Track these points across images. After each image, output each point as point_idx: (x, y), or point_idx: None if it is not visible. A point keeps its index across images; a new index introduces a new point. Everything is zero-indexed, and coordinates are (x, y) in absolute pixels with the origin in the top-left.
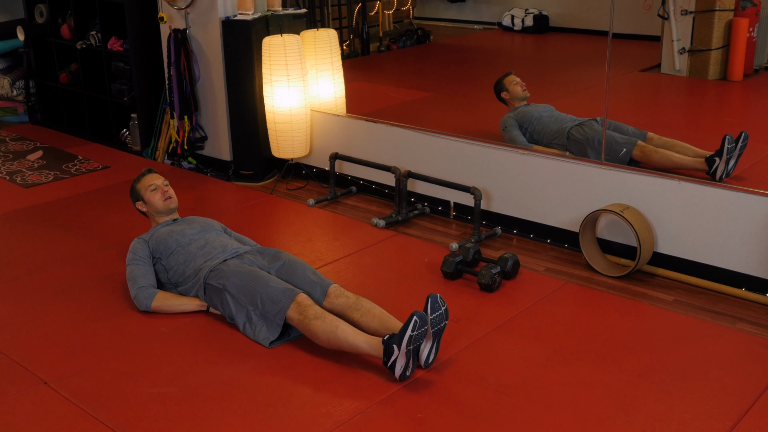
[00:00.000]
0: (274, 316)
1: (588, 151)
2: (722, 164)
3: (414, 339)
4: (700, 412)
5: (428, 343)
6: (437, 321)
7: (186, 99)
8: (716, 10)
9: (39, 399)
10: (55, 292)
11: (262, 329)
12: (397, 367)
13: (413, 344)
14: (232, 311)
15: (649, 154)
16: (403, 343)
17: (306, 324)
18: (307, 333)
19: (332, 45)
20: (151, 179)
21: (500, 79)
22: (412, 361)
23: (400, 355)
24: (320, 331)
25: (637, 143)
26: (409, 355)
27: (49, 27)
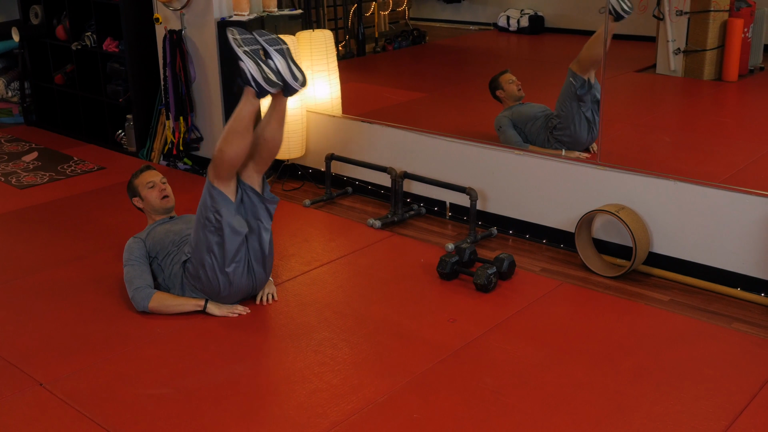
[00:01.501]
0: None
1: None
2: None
3: (242, 42)
4: (695, 411)
5: (279, 58)
6: (273, 42)
7: (181, 100)
8: (711, 10)
9: (35, 401)
10: (51, 293)
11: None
12: (254, 73)
13: (246, 47)
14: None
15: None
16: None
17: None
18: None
19: (328, 46)
20: (149, 176)
21: (496, 77)
22: (263, 63)
23: (245, 62)
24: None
25: (569, 67)
26: (252, 57)
27: (44, 28)
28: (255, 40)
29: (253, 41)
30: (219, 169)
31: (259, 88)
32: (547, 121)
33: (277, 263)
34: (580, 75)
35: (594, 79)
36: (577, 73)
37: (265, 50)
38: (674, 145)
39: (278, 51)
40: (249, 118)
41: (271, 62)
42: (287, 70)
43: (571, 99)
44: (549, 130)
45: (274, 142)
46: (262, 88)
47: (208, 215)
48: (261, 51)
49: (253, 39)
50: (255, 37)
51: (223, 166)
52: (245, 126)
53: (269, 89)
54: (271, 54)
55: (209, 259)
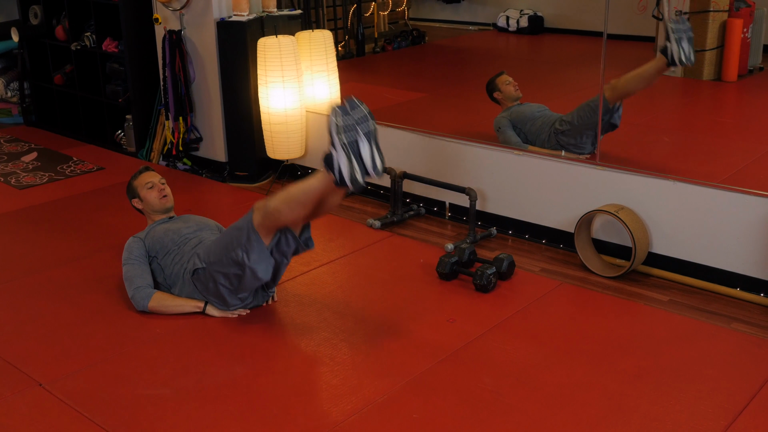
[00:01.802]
0: (249, 237)
1: (578, 135)
2: (674, 45)
3: (343, 129)
4: (695, 411)
5: (365, 146)
6: (362, 121)
7: (181, 100)
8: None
9: (34, 401)
10: (50, 293)
11: (256, 262)
12: (343, 168)
13: (346, 137)
14: (226, 279)
15: (617, 86)
16: (333, 138)
17: (269, 213)
18: (274, 218)
19: (327, 46)
20: (148, 177)
21: (492, 79)
22: (355, 160)
23: (339, 154)
24: (279, 204)
25: (603, 89)
26: (347, 151)
27: (43, 28)
28: (354, 126)
29: (353, 127)
30: (268, 223)
31: (342, 182)
32: (552, 122)
33: None
34: (609, 101)
35: (620, 104)
36: (608, 100)
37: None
38: (673, 145)
39: (366, 135)
40: (319, 195)
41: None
42: (370, 160)
43: (589, 117)
44: (554, 132)
45: (332, 209)
46: (345, 184)
47: (236, 249)
48: (356, 143)
49: (352, 125)
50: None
51: (274, 224)
52: (311, 200)
53: (350, 187)
54: (360, 139)
55: (223, 281)
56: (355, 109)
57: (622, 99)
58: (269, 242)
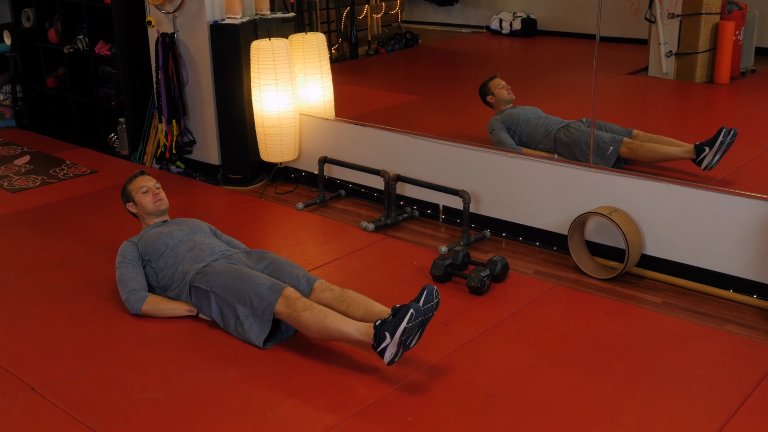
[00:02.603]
0: (263, 312)
1: (575, 152)
2: (711, 154)
3: (407, 331)
4: (688, 413)
5: (417, 334)
6: (428, 311)
7: (174, 103)
8: (703, 13)
9: (27, 405)
10: (43, 297)
11: (252, 327)
12: (387, 354)
13: (406, 336)
14: (220, 312)
15: (636, 149)
16: (397, 334)
17: (295, 316)
18: (297, 325)
19: (321, 49)
20: (143, 181)
21: (485, 83)
22: (402, 350)
23: (392, 344)
24: (310, 321)
25: (623, 141)
26: (400, 345)
27: (36, 31)
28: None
29: (418, 327)
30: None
31: (379, 354)
32: (551, 126)
33: None
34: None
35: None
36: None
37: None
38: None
39: (422, 323)
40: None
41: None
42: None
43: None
44: (554, 138)
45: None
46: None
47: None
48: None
49: (419, 324)
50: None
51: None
52: (339, 340)
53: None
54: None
55: (217, 309)
56: (429, 304)
57: (633, 161)
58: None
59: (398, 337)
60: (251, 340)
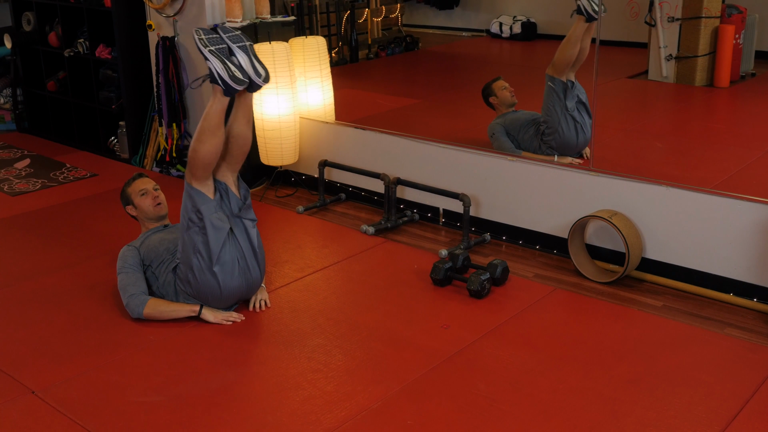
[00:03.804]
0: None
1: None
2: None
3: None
4: (688, 417)
5: (242, 55)
6: (236, 39)
7: (174, 106)
8: (702, 17)
9: (26, 408)
10: (43, 300)
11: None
12: (221, 72)
13: (212, 46)
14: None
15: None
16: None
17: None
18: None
19: (321, 52)
20: (142, 184)
21: (489, 84)
22: (228, 62)
23: (212, 62)
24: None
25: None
26: (217, 56)
27: (36, 35)
28: (220, 38)
29: (219, 40)
30: (194, 169)
31: (226, 85)
32: (537, 127)
33: (271, 270)
34: (557, 77)
35: (574, 79)
36: (555, 76)
37: (229, 48)
38: (666, 150)
39: (241, 48)
40: (219, 116)
41: (235, 59)
42: (250, 67)
43: (554, 102)
44: (539, 137)
45: (243, 139)
46: (229, 86)
47: (190, 216)
48: (226, 49)
49: (218, 38)
50: (220, 36)
51: (198, 165)
52: (216, 124)
53: (235, 86)
54: (234, 51)
55: (196, 260)
56: (227, 32)
57: (567, 71)
58: (213, 195)
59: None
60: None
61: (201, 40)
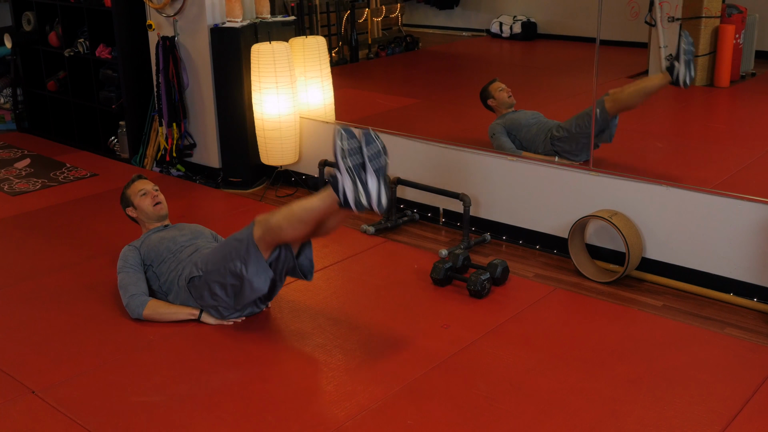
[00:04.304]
0: (248, 250)
1: (574, 142)
2: (682, 66)
3: (348, 153)
4: (689, 417)
5: (373, 180)
6: (375, 156)
7: (174, 106)
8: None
9: (26, 408)
10: (43, 300)
11: (254, 275)
12: (348, 192)
13: (351, 160)
14: (223, 288)
15: (619, 98)
16: (339, 164)
17: (269, 227)
18: (275, 234)
19: (321, 52)
20: (141, 185)
21: (486, 87)
22: (360, 185)
23: (343, 177)
24: (281, 220)
25: (604, 99)
26: (352, 175)
27: (36, 35)
28: (359, 149)
29: (357, 151)
30: (268, 239)
31: (347, 205)
32: (549, 128)
33: None
34: (608, 111)
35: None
36: (608, 111)
37: (363, 163)
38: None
39: (377, 171)
40: (321, 215)
41: (364, 178)
42: (376, 195)
43: (586, 127)
44: (551, 138)
45: (332, 230)
46: (350, 207)
47: (235, 261)
48: (360, 164)
49: (358, 149)
50: (360, 146)
51: (275, 240)
52: (314, 219)
53: (355, 211)
54: (367, 169)
55: (219, 291)
56: (370, 144)
57: (621, 111)
58: (268, 257)
59: (344, 167)
60: (261, 286)
61: (342, 150)
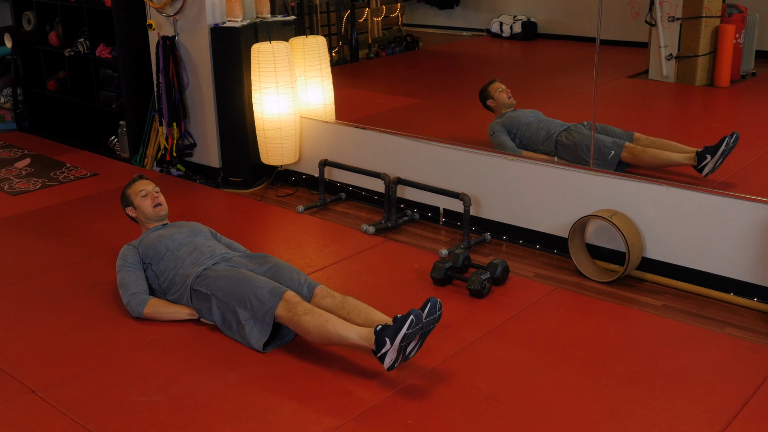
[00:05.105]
0: (263, 316)
1: (577, 155)
2: (713, 162)
3: (407, 337)
4: (689, 416)
5: (415, 343)
6: (429, 324)
7: (175, 106)
8: (703, 16)
9: (26, 408)
10: (43, 300)
11: (252, 331)
12: (387, 359)
13: (406, 341)
14: (221, 316)
15: (637, 154)
16: (396, 339)
17: (296, 320)
18: (297, 329)
19: (321, 52)
20: (142, 185)
21: (485, 87)
22: (401, 356)
23: (392, 350)
24: (310, 326)
25: (624, 145)
26: (400, 351)
27: (36, 34)
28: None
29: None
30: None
31: (379, 359)
32: (549, 126)
33: None
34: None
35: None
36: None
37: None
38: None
39: (422, 335)
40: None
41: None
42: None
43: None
44: (555, 139)
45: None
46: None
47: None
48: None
49: (419, 329)
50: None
51: (293, 329)
52: (339, 345)
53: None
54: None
55: (218, 313)
56: (432, 316)
57: (633, 166)
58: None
59: (398, 343)
60: (251, 344)
61: (404, 336)
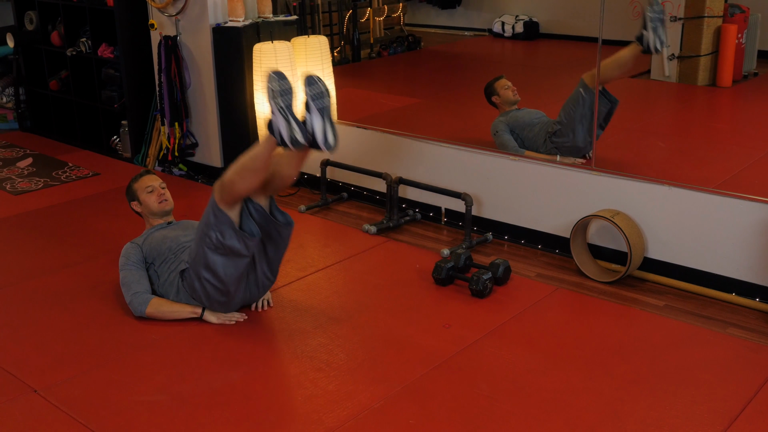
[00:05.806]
0: (215, 218)
1: (570, 133)
2: (650, 33)
3: (278, 93)
4: (690, 417)
5: (318, 119)
6: (318, 96)
7: (176, 106)
8: (705, 16)
9: (28, 407)
10: (45, 300)
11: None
12: (282, 131)
13: (281, 100)
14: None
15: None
16: (269, 100)
17: (224, 186)
18: (230, 190)
19: (323, 51)
20: (149, 180)
21: (491, 83)
22: (294, 123)
23: (276, 117)
24: (232, 175)
25: (582, 78)
26: (284, 114)
27: (38, 34)
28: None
29: (289, 92)
30: (226, 197)
31: (284, 143)
32: (546, 126)
33: None
34: (591, 89)
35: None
36: (589, 87)
37: (307, 104)
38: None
39: (320, 110)
40: (266, 159)
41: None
42: (322, 133)
43: (576, 109)
44: (547, 136)
45: (289, 179)
46: (286, 145)
47: (209, 233)
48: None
49: (289, 90)
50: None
51: (232, 196)
52: (261, 166)
53: (293, 148)
54: (311, 110)
55: (207, 274)
56: (312, 85)
57: (602, 84)
58: (236, 217)
59: (275, 109)
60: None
61: (272, 92)
